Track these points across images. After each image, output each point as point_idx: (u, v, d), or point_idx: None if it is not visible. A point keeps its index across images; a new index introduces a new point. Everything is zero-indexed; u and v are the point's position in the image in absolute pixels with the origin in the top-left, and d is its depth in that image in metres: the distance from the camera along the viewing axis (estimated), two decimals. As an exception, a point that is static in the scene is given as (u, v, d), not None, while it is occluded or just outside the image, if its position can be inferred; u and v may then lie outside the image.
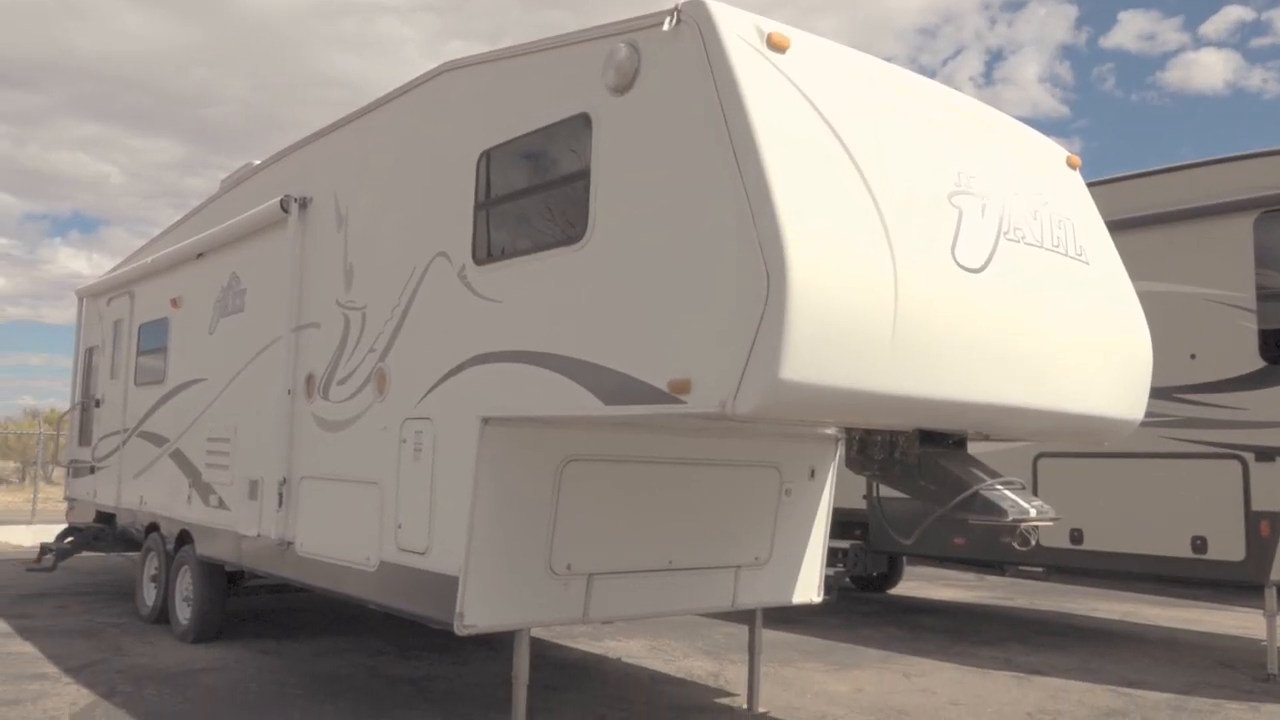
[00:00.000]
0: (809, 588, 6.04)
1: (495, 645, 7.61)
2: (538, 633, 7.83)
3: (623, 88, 4.11)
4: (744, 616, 6.29)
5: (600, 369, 4.02)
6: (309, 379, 6.35)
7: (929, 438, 4.49)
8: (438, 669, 7.01)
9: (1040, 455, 8.15)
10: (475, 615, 4.59)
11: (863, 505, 9.33)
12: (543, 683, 6.45)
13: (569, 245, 4.29)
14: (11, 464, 33.46)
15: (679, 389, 3.68)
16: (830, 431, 5.62)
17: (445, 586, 4.72)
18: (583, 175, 4.27)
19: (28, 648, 7.41)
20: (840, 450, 5.97)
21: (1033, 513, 4.26)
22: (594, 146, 4.22)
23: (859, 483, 8.89)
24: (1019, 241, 4.29)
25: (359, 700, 6.10)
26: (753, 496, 5.63)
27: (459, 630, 4.57)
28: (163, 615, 8.20)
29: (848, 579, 10.34)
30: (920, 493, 4.50)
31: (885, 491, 4.91)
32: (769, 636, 8.01)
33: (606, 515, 5.01)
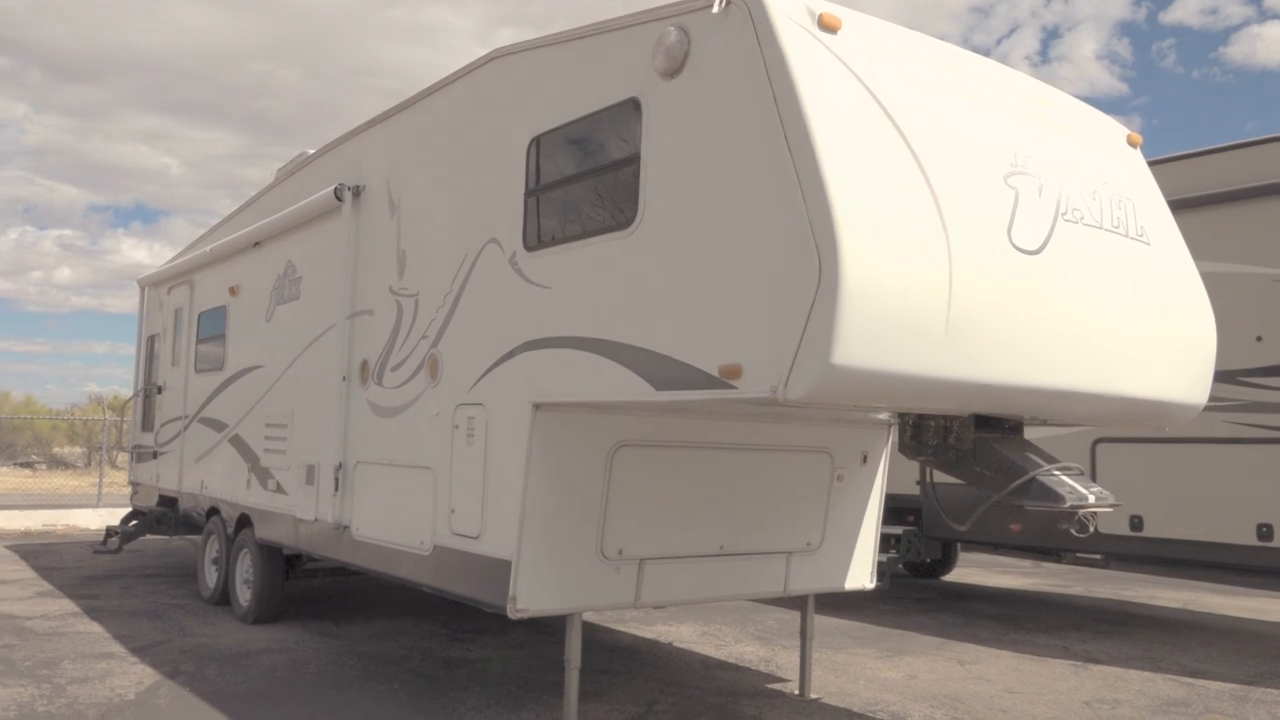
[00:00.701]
0: (861, 574, 6.00)
1: (547, 629, 7.68)
2: (589, 617, 7.88)
3: (672, 71, 4.09)
4: (796, 602, 6.28)
5: (651, 354, 4.02)
6: (363, 365, 6.44)
7: (984, 423, 4.43)
8: (491, 652, 7.09)
9: (1099, 440, 8.01)
10: (528, 599, 4.63)
11: (916, 491, 9.25)
12: (595, 666, 6.49)
13: (619, 231, 4.28)
14: (78, 449, 34.41)
15: (730, 374, 3.67)
16: (883, 416, 5.57)
17: (498, 570, 4.77)
18: (632, 160, 4.26)
19: (95, 627, 7.63)
20: (893, 435, 5.92)
21: (1091, 499, 4.19)
22: (644, 131, 4.21)
23: (912, 468, 8.81)
24: (1077, 222, 4.20)
25: (414, 682, 6.19)
26: (804, 482, 5.60)
27: (512, 614, 4.61)
28: (224, 597, 8.39)
29: (901, 565, 10.25)
30: (975, 478, 4.44)
31: (939, 477, 4.85)
32: (821, 622, 7.99)
33: (658, 500, 5.02)
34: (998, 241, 3.86)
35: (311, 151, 7.89)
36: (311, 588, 9.23)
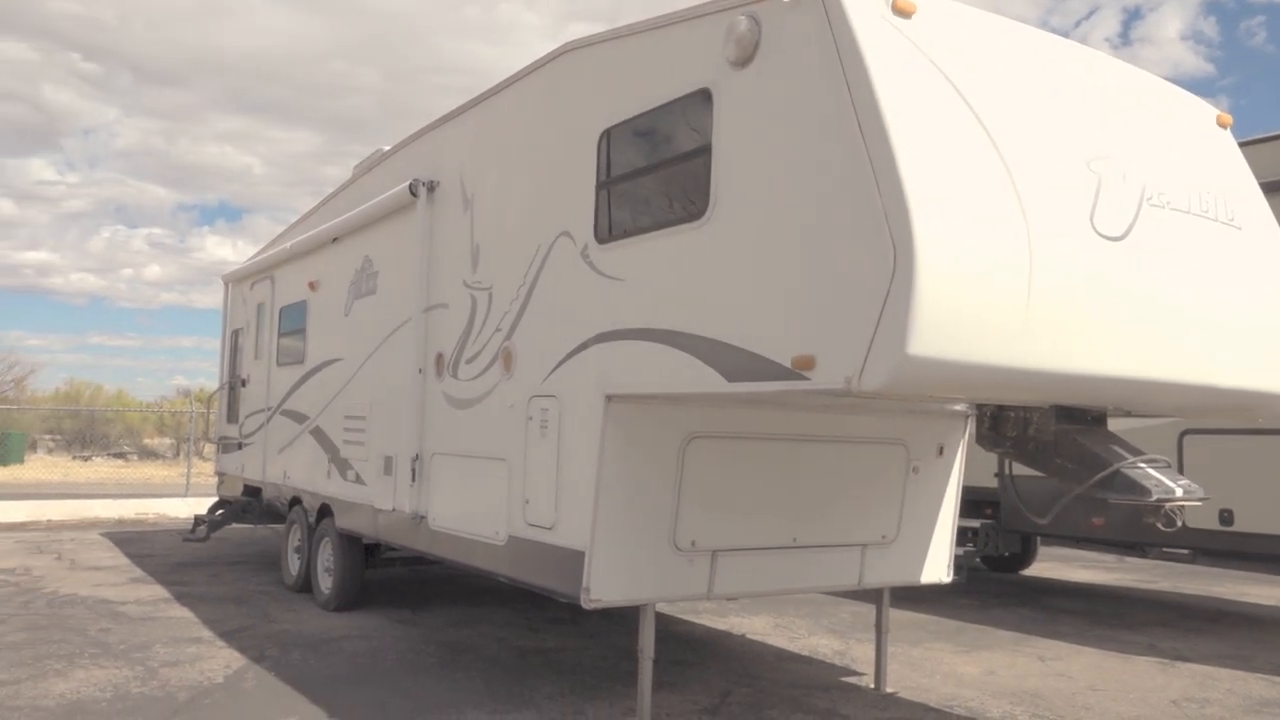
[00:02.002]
0: (938, 567, 5.92)
1: (620, 619, 7.71)
2: (662, 608, 7.90)
3: (743, 61, 4.06)
4: (870, 595, 6.21)
5: (723, 346, 4.01)
6: (438, 358, 6.53)
7: (1066, 414, 4.32)
8: (565, 641, 7.15)
9: (1186, 432, 7.76)
10: (601, 590, 4.66)
11: (994, 483, 9.07)
12: (668, 657, 6.51)
13: (690, 222, 4.27)
14: (167, 440, 35.64)
15: (803, 365, 3.63)
16: (960, 407, 5.48)
17: (572, 561, 4.80)
18: (703, 151, 4.24)
19: (185, 613, 7.89)
20: (971, 427, 5.81)
21: (1179, 492, 4.06)
22: (715, 121, 4.19)
23: (990, 460, 8.62)
24: (1164, 207, 4.07)
25: (490, 670, 6.27)
26: (879, 474, 5.53)
27: (585, 604, 4.64)
28: (306, 585, 8.60)
29: (978, 559, 10.08)
30: (1057, 471, 4.34)
31: (1019, 469, 4.76)
32: (896, 616, 7.89)
33: (730, 492, 5.01)
34: (1079, 228, 3.76)
35: (387, 148, 8.02)
36: (390, 576, 9.41)
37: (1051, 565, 12.10)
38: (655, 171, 4.65)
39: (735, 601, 8.61)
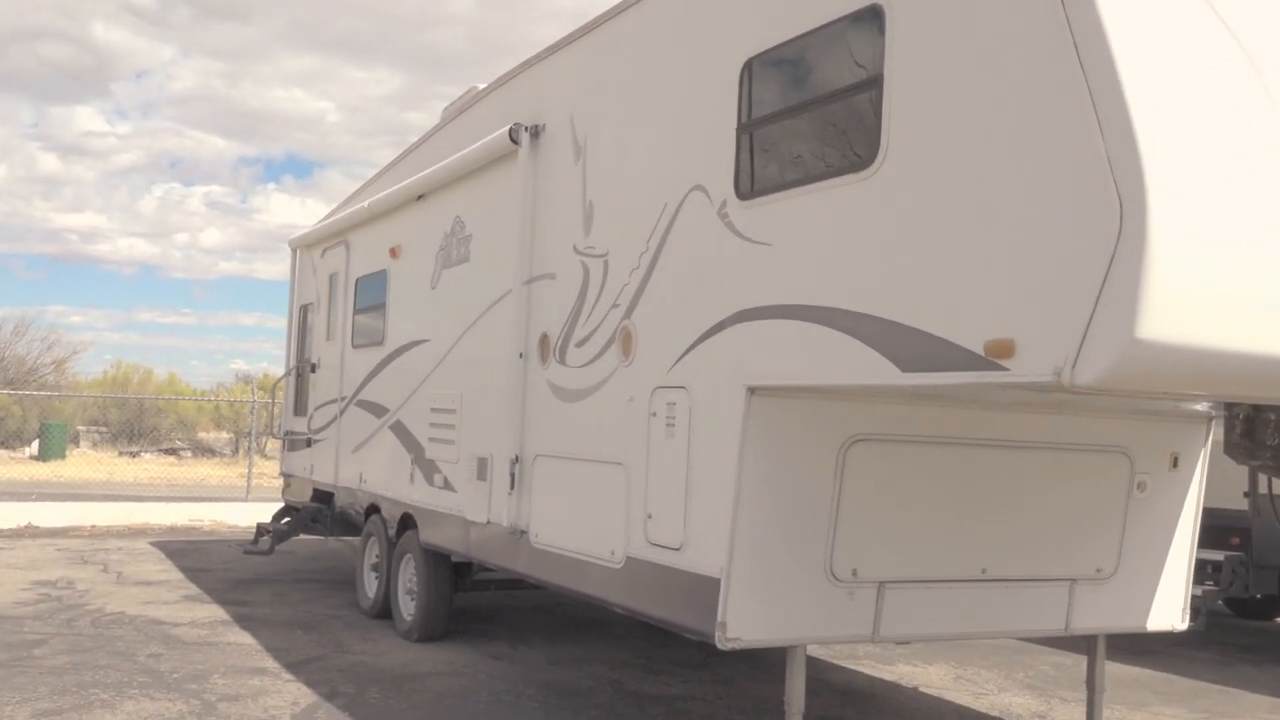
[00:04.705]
0: (1169, 611, 5.74)
1: (762, 664, 7.72)
2: (815, 651, 7.87)
3: (925, -31, 3.99)
4: (1080, 644, 6.07)
5: (895, 327, 3.96)
6: (543, 340, 6.63)
7: (1345, 418, 4.13)
8: (694, 688, 7.20)
9: None
10: (740, 626, 4.67)
11: (1245, 504, 8.75)
12: (821, 712, 6.48)
13: (855, 173, 4.23)
14: (224, 435, 37.27)
15: (999, 352, 3.56)
16: (1201, 407, 5.29)
17: (704, 590, 4.82)
18: (872, 84, 4.18)
19: (246, 638, 8.25)
20: (1216, 432, 5.61)
21: None
22: (888, 47, 4.13)
23: (1240, 475, 8.32)
24: None
25: (603, 719, 6.36)
26: (1094, 490, 5.40)
27: (721, 644, 4.66)
28: (385, 609, 8.88)
29: (1221, 601, 9.71)
30: (1332, 491, 4.15)
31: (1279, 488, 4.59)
32: (1114, 671, 7.67)
33: (902, 509, 4.96)
34: (1369, 176, 3.57)
35: (482, 87, 8.17)
36: (483, 602, 9.62)
37: (1319, 612, 11.59)
38: (811, 110, 4.61)
39: (906, 646, 8.52)
